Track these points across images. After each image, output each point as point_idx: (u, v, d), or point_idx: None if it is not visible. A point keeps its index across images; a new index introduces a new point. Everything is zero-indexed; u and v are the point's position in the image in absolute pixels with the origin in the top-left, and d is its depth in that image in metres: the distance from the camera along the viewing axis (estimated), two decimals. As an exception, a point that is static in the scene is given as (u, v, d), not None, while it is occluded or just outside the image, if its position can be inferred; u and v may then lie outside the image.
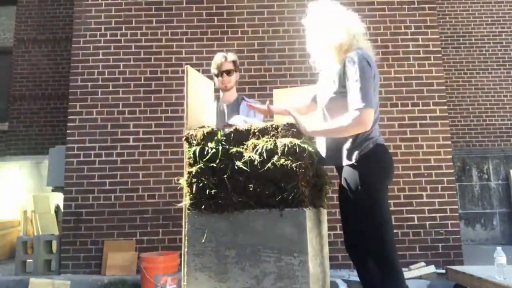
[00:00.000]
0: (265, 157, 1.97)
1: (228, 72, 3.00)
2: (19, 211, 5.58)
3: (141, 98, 4.53)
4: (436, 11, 4.74)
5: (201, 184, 2.04)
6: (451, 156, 4.41)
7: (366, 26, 2.16)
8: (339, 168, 2.11)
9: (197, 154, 2.07)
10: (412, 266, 4.02)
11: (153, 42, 4.62)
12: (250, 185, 1.99)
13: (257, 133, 2.05)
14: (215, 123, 2.67)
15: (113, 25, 4.67)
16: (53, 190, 4.82)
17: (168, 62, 4.58)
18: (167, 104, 4.51)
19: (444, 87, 4.58)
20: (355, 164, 2.00)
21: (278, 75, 4.54)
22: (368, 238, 2.00)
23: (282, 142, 1.97)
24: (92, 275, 4.18)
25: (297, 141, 1.96)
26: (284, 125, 2.04)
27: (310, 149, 1.99)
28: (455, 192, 4.43)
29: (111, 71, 4.58)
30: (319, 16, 2.12)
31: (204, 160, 2.05)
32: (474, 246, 5.66)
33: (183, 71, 2.72)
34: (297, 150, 1.95)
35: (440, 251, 4.22)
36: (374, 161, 2.01)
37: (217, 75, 3.03)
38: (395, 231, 4.13)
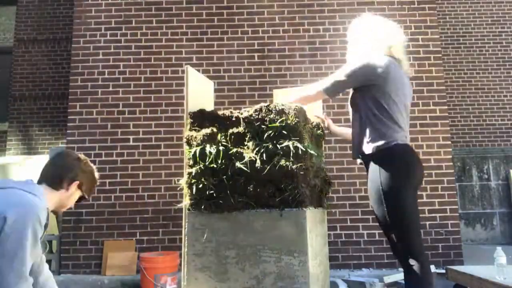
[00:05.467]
0: (265, 158, 1.96)
1: None
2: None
3: (141, 98, 4.52)
4: (436, 11, 4.74)
5: (201, 185, 2.03)
6: (451, 156, 4.41)
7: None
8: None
9: (197, 156, 2.06)
10: (412, 266, 4.01)
11: (153, 42, 4.62)
12: (250, 186, 1.98)
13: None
14: None
15: (113, 25, 4.66)
16: (53, 190, 4.81)
17: (168, 62, 4.58)
18: (167, 104, 4.50)
19: (444, 87, 4.57)
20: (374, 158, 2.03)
21: (278, 75, 4.54)
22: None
23: (283, 143, 1.97)
24: (92, 275, 4.18)
25: (298, 143, 1.96)
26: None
27: (311, 151, 1.99)
28: (455, 192, 4.42)
29: (111, 71, 4.58)
30: (357, 28, 2.37)
31: (204, 161, 2.05)
32: (474, 246, 5.66)
33: (183, 71, 2.72)
34: (298, 152, 1.94)
35: (440, 251, 4.22)
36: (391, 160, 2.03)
37: None
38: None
